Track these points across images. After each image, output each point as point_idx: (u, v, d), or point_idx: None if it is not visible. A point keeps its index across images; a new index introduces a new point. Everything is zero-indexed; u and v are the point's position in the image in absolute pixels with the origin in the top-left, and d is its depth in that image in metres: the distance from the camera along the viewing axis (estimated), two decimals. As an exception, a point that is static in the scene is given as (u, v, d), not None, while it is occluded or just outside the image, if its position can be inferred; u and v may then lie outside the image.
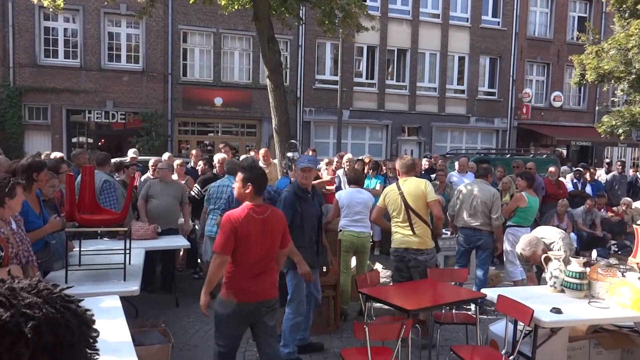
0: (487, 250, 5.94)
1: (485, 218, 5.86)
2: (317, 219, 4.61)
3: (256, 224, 3.30)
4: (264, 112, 16.09)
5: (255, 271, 3.34)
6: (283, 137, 8.17)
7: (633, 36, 13.68)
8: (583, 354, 4.35)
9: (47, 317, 0.90)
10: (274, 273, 3.51)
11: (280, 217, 3.53)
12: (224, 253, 3.25)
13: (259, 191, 3.39)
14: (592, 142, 21.17)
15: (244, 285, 3.32)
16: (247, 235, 3.27)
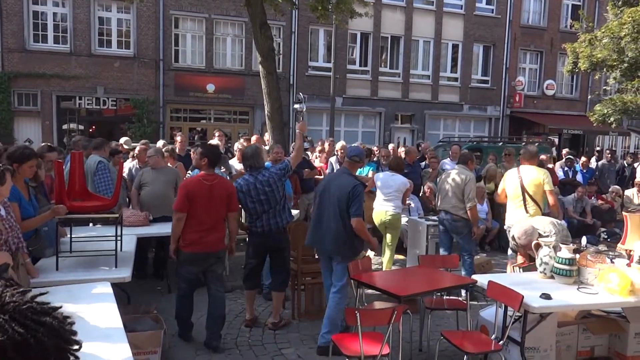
0: (462, 235, 5.92)
1: (457, 202, 5.88)
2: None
3: (205, 189, 4.26)
4: (257, 98, 16.02)
5: (204, 227, 4.27)
6: (276, 124, 8.14)
7: (626, 24, 13.69)
8: (572, 339, 4.41)
9: (14, 339, 0.75)
10: (221, 231, 4.41)
11: (226, 185, 4.42)
12: (180, 210, 4.25)
13: (211, 164, 4.39)
14: (583, 131, 21.28)
15: (195, 238, 4.28)
16: (196, 197, 4.23)
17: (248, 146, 5.41)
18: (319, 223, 4.53)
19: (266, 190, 4.65)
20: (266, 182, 4.66)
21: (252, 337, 4.67)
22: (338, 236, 4.37)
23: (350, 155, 4.72)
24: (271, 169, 4.84)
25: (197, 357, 4.28)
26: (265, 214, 4.68)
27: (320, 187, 4.71)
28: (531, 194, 5.51)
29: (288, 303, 5.40)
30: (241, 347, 4.46)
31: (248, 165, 4.80)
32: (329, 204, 4.45)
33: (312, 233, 4.64)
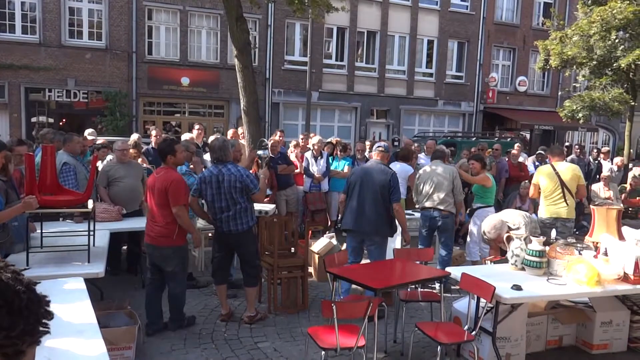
0: (449, 232, 6.02)
1: (447, 197, 5.94)
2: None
3: (152, 180, 4.53)
4: (232, 92, 15.89)
5: (149, 217, 4.60)
6: (251, 118, 8.09)
7: (595, 23, 14.02)
8: (541, 329, 4.54)
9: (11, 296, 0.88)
10: (163, 225, 4.45)
11: (165, 179, 4.42)
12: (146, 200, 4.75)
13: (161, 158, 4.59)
14: (554, 127, 21.75)
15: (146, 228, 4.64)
16: (148, 189, 4.60)
17: (216, 138, 5.37)
18: (361, 208, 5.10)
19: (228, 186, 4.62)
20: (229, 177, 4.63)
21: (228, 332, 4.66)
22: (379, 218, 5.06)
23: (377, 147, 5.48)
24: (242, 170, 4.81)
25: (173, 351, 4.25)
26: (226, 213, 4.65)
27: (357, 177, 5.24)
28: (569, 187, 6.04)
29: (264, 297, 5.40)
30: (217, 342, 4.44)
31: (215, 157, 4.78)
32: (369, 191, 5.08)
33: (353, 217, 5.13)
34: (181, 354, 4.20)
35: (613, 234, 4.60)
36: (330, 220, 8.58)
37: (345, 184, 5.44)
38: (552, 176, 6.15)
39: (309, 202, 8.23)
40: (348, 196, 5.29)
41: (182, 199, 4.45)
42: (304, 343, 4.14)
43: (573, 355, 4.51)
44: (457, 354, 4.33)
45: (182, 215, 4.43)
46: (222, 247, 4.87)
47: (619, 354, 4.55)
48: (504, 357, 4.03)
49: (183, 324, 4.68)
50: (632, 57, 13.53)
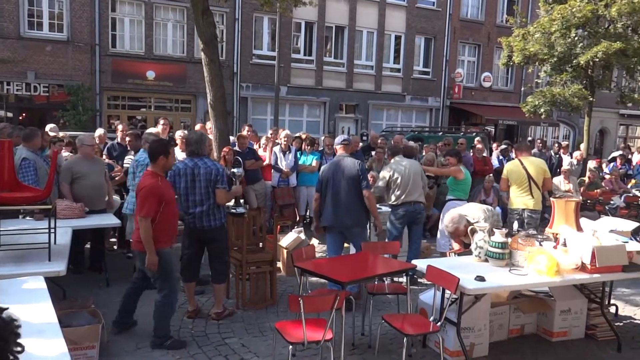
0: (422, 224, 6.23)
1: (422, 191, 6.12)
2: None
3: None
4: (199, 87, 15.66)
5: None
6: (218, 113, 7.99)
7: (555, 21, 14.43)
8: (504, 318, 4.66)
9: None
10: (137, 229, 4.11)
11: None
12: None
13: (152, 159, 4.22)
14: (517, 122, 22.30)
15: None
16: None
17: (193, 131, 5.32)
18: (337, 202, 5.21)
19: (204, 179, 4.58)
20: (205, 170, 4.59)
21: (195, 328, 4.61)
22: (356, 209, 5.24)
23: (340, 141, 5.56)
24: (217, 164, 4.77)
25: (139, 350, 4.18)
26: (199, 208, 4.60)
27: (328, 173, 5.30)
28: (536, 180, 6.42)
29: (232, 293, 5.37)
30: (184, 338, 4.38)
31: (191, 150, 4.72)
32: (342, 184, 5.21)
33: (332, 213, 5.23)
34: (147, 352, 4.14)
35: (572, 226, 4.76)
36: (299, 215, 8.59)
37: (317, 183, 5.47)
38: (520, 170, 6.52)
39: (277, 197, 8.22)
40: (322, 193, 5.34)
41: (145, 209, 3.97)
42: (272, 338, 4.14)
43: (534, 343, 4.65)
44: (423, 344, 4.41)
45: (141, 226, 3.99)
46: (193, 243, 4.81)
47: (577, 340, 4.72)
48: (468, 346, 4.12)
49: (164, 342, 4.17)
50: (590, 55, 13.98)
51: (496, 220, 4.73)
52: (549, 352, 4.46)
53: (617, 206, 8.46)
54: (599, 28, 14.74)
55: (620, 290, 6.16)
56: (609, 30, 14.64)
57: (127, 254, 6.85)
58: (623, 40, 14.08)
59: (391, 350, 4.25)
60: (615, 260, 4.29)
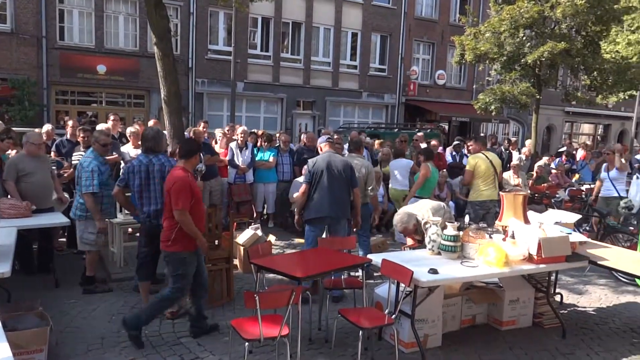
0: (365, 221, 6.19)
1: (363, 189, 6.12)
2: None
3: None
4: (153, 82, 15.25)
5: None
6: (172, 109, 7.81)
7: (505, 21, 14.92)
8: (456, 309, 4.80)
9: None
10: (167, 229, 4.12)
11: (170, 177, 4.09)
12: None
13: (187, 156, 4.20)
14: (470, 118, 22.92)
15: None
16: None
17: (150, 127, 5.20)
18: (331, 194, 5.34)
19: (159, 176, 4.49)
20: (160, 167, 4.50)
21: (149, 328, 4.50)
22: (345, 202, 5.47)
23: (325, 140, 5.81)
24: (173, 161, 4.68)
25: (90, 352, 4.06)
26: (154, 206, 4.51)
27: (322, 165, 5.37)
28: (498, 173, 6.94)
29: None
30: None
31: (147, 147, 4.61)
32: (336, 178, 5.36)
33: (325, 204, 5.31)
34: (98, 354, 4.03)
35: (520, 218, 4.94)
36: (256, 212, 8.54)
37: (307, 175, 5.48)
38: (487, 163, 6.88)
39: (233, 194, 8.15)
40: (313, 186, 5.38)
41: (181, 202, 3.97)
42: (228, 336, 4.11)
43: (485, 332, 4.81)
44: (379, 337, 4.49)
45: (182, 220, 4.00)
46: (149, 241, 4.70)
47: (525, 329, 4.92)
48: (422, 338, 4.23)
49: (131, 331, 4.13)
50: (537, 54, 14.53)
51: (448, 218, 4.86)
52: (499, 340, 4.63)
53: (562, 199, 8.84)
54: (545, 29, 15.33)
55: (564, 280, 6.46)
56: (554, 31, 15.25)
57: (77, 253, 6.63)
58: (567, 40, 14.70)
59: (347, 343, 4.30)
60: (559, 251, 4.49)
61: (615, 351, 4.52)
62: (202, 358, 4.04)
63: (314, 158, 5.58)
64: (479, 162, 6.87)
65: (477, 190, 6.87)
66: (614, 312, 5.51)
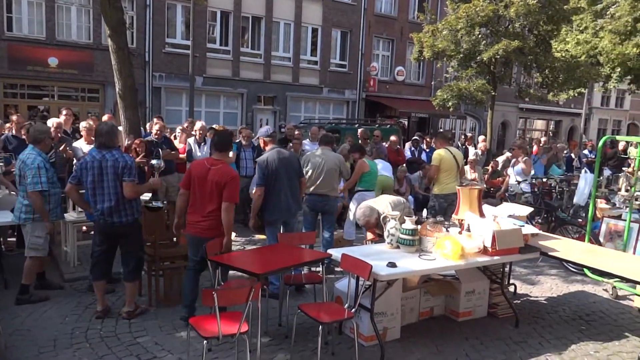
0: (332, 213, 6.30)
1: (334, 184, 6.17)
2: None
3: (203, 170, 4.37)
4: (108, 75, 14.78)
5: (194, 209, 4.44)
6: (128, 103, 7.62)
7: (461, 19, 15.25)
8: (414, 302, 4.89)
9: None
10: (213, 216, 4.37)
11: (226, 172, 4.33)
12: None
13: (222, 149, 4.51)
14: (429, 114, 23.34)
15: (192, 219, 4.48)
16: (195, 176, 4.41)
17: (104, 122, 5.02)
18: (288, 192, 5.37)
19: (113, 172, 4.37)
20: (114, 163, 4.37)
21: (104, 329, 4.40)
22: (298, 196, 5.61)
23: (266, 135, 5.73)
24: (127, 157, 4.55)
25: (41, 354, 3.92)
26: (108, 203, 4.38)
27: (277, 165, 5.31)
28: (461, 167, 7.12)
29: (145, 290, 5.17)
30: (92, 340, 4.18)
31: (101, 142, 4.46)
32: (290, 175, 5.40)
33: (285, 203, 5.36)
34: (50, 357, 3.89)
35: (475, 212, 5.08)
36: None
37: (261, 176, 5.30)
38: (451, 158, 7.05)
39: (193, 190, 8.00)
40: (269, 187, 5.28)
41: (237, 195, 4.39)
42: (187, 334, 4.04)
43: (442, 323, 4.92)
44: (339, 331, 4.52)
45: (232, 212, 4.35)
46: (104, 240, 4.57)
47: (480, 319, 5.06)
48: (381, 331, 4.29)
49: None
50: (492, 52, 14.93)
51: (408, 213, 4.93)
52: (456, 331, 4.75)
53: (515, 193, 9.12)
54: (500, 27, 15.77)
55: (518, 271, 6.68)
56: (508, 30, 15.70)
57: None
58: (520, 39, 15.17)
59: (308, 339, 4.31)
60: (512, 243, 4.64)
61: (565, 338, 4.71)
62: (160, 357, 3.96)
63: (263, 157, 5.42)
64: (444, 157, 7.01)
65: (441, 183, 6.99)
66: (564, 301, 5.74)
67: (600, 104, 33.15)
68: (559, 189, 9.58)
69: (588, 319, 5.24)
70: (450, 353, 4.27)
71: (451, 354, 4.26)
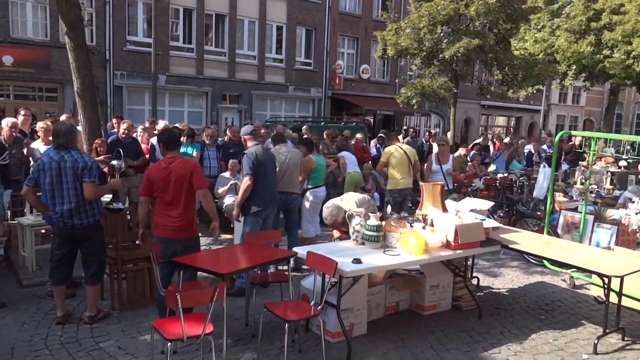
0: (296, 212, 6.33)
1: (296, 181, 6.20)
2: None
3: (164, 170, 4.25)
4: (66, 74, 14.35)
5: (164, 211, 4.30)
6: (87, 102, 7.44)
7: (424, 17, 15.47)
8: (380, 297, 4.94)
9: None
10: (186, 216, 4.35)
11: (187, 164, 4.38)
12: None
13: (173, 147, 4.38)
14: (394, 112, 23.59)
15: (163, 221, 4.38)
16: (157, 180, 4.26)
17: (62, 122, 4.87)
18: (271, 187, 5.54)
19: (72, 173, 4.25)
20: (73, 163, 4.26)
21: (65, 335, 4.28)
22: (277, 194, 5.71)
23: (248, 132, 5.78)
24: (87, 157, 4.44)
25: (-3, 363, 3.79)
26: (67, 205, 4.26)
27: (264, 157, 5.44)
28: (413, 162, 7.37)
29: (107, 294, 5.06)
30: (52, 347, 4.05)
31: (59, 143, 4.33)
32: (272, 170, 5.57)
33: (269, 196, 5.48)
34: None
35: (438, 207, 5.16)
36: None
37: (251, 167, 5.34)
38: (402, 154, 7.37)
39: (156, 191, 7.86)
40: (258, 176, 5.36)
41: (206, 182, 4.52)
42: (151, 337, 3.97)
43: (408, 317, 4.99)
44: (306, 329, 4.53)
45: (210, 196, 4.53)
46: (64, 243, 4.43)
47: (445, 312, 5.15)
48: (348, 327, 4.32)
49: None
50: (454, 50, 15.21)
51: (372, 210, 4.98)
52: (421, 324, 4.82)
53: (477, 188, 9.32)
54: (461, 26, 16.08)
55: (481, 264, 6.83)
56: (469, 28, 16.03)
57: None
58: (481, 37, 15.51)
59: (274, 337, 4.30)
60: (474, 237, 4.75)
61: (526, 328, 4.85)
62: (124, 362, 3.88)
63: (251, 149, 5.47)
64: (393, 154, 7.36)
65: (394, 179, 7.36)
66: (524, 292, 5.91)
67: (558, 100, 34.24)
68: (519, 183, 9.85)
69: (547, 308, 5.41)
70: (415, 346, 4.34)
71: (416, 347, 4.33)
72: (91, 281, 4.53)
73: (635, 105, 37.39)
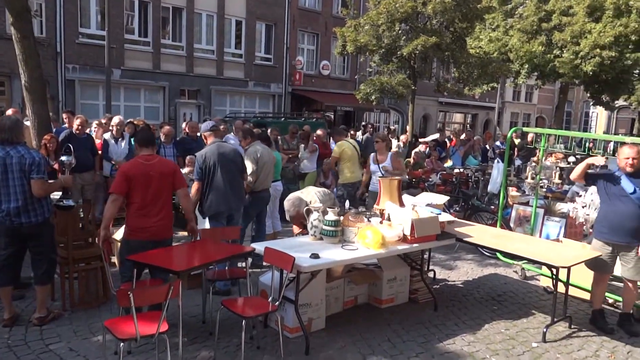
0: (265, 208, 6.36)
1: (271, 177, 6.31)
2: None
3: (144, 168, 4.15)
4: (14, 67, 13.75)
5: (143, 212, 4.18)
6: (36, 97, 7.13)
7: (382, 14, 15.62)
8: (339, 292, 4.98)
9: None
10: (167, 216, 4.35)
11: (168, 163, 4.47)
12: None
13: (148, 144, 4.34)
14: (353, 108, 23.76)
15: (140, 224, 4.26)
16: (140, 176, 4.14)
17: (7, 116, 4.67)
18: (231, 186, 5.26)
19: (18, 169, 4.08)
20: (19, 159, 4.08)
21: (12, 337, 4.11)
22: (241, 191, 5.54)
23: (209, 128, 5.55)
24: (34, 153, 4.26)
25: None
26: (14, 203, 4.09)
27: (214, 159, 5.18)
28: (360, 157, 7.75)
29: (58, 294, 4.89)
30: None
31: (3, 138, 4.14)
32: (231, 169, 5.30)
33: (224, 199, 5.22)
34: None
35: (395, 202, 5.24)
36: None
37: (198, 172, 5.19)
38: (353, 150, 7.67)
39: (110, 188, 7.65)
40: (207, 181, 5.17)
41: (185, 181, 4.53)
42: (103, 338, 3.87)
43: (366, 311, 5.05)
44: (264, 325, 4.51)
45: (189, 196, 4.63)
46: (11, 242, 4.24)
47: (402, 305, 5.25)
48: (306, 322, 4.33)
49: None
50: (412, 47, 15.43)
51: (332, 203, 5.01)
52: (379, 318, 4.89)
53: (434, 183, 9.52)
54: (419, 23, 16.33)
55: (437, 257, 6.98)
56: (426, 26, 16.29)
57: None
58: (438, 35, 15.79)
59: (232, 334, 4.26)
60: (430, 230, 4.85)
61: (479, 318, 5.00)
62: (75, 364, 3.77)
63: (201, 152, 5.32)
64: (345, 149, 7.62)
65: (345, 173, 7.65)
66: (478, 284, 6.09)
67: (512, 98, 35.35)
68: (474, 178, 10.11)
69: (500, 299, 5.59)
70: (373, 339, 4.39)
71: (374, 340, 4.38)
72: (41, 281, 4.37)
73: (583, 103, 39.02)
